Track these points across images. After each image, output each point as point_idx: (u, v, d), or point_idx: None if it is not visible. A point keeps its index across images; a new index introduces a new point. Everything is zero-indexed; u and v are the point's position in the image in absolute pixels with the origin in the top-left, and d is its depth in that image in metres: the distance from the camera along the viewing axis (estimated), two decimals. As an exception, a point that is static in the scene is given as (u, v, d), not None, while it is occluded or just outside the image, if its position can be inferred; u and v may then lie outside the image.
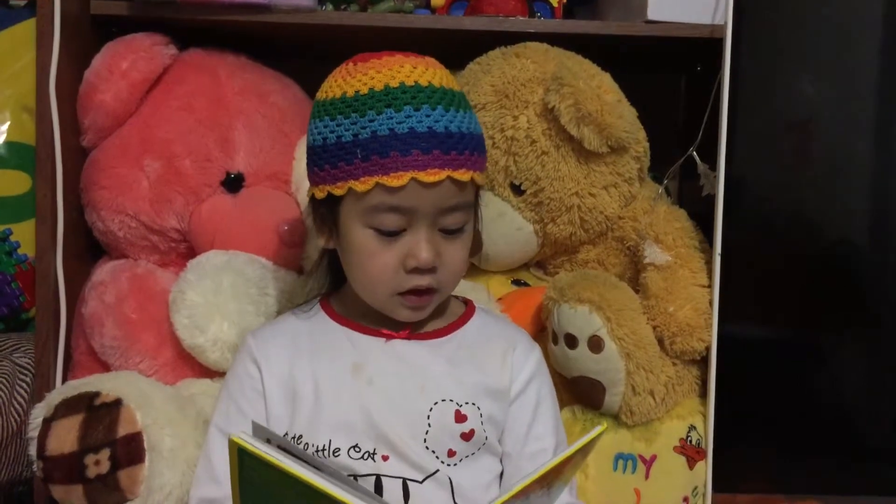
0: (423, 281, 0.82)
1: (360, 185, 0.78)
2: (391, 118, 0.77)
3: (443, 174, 0.78)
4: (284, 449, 0.66)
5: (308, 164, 0.85)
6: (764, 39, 1.11)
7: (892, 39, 1.12)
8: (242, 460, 0.66)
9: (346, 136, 0.79)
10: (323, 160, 0.81)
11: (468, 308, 0.93)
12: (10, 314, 1.24)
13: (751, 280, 1.12)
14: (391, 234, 0.80)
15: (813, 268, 1.14)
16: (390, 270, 0.81)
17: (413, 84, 0.79)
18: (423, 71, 0.81)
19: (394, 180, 0.77)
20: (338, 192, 0.80)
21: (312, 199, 0.85)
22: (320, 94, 0.84)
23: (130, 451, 0.90)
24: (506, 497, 0.67)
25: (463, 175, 0.79)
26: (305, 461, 0.66)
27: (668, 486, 1.09)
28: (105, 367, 1.07)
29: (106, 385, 0.94)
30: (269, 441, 0.67)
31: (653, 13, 1.13)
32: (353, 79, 0.80)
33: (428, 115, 0.78)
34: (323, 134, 0.81)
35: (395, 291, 0.83)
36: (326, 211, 0.84)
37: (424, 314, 0.86)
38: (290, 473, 0.63)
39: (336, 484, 0.64)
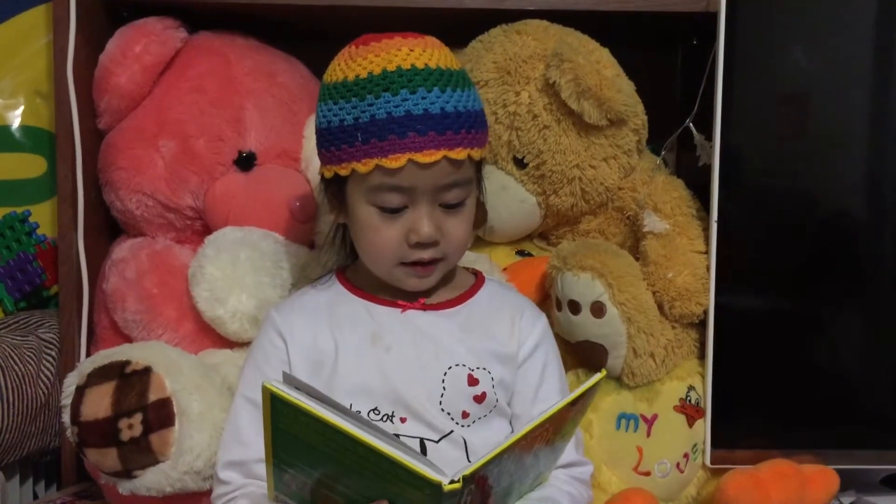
0: (425, 254, 0.85)
1: (361, 167, 0.82)
2: (388, 102, 0.80)
3: (438, 154, 0.81)
4: (315, 397, 0.69)
5: (317, 145, 0.88)
6: (757, 13, 1.11)
7: (886, 12, 1.13)
8: (275, 407, 0.68)
9: (348, 120, 0.82)
10: (329, 142, 0.84)
11: (478, 279, 0.96)
12: (32, 292, 1.27)
13: (746, 246, 1.14)
14: (393, 211, 0.84)
15: (805, 233, 1.16)
16: (394, 244, 0.85)
17: (409, 67, 0.81)
18: (421, 53, 0.82)
19: (392, 162, 0.80)
20: (343, 172, 0.84)
21: (323, 177, 0.89)
22: (326, 77, 0.86)
23: (161, 415, 0.92)
24: (512, 440, 0.70)
25: (459, 154, 0.82)
26: (335, 408, 0.69)
27: (669, 444, 1.12)
28: (126, 341, 1.09)
29: (135, 354, 0.96)
30: (298, 389, 0.70)
31: (649, -11, 1.15)
32: (354, 62, 0.83)
33: (424, 98, 0.81)
34: (328, 117, 0.84)
35: (399, 262, 0.86)
36: (336, 188, 0.88)
37: (431, 283, 0.89)
38: (320, 418, 0.66)
39: (363, 429, 0.68)
